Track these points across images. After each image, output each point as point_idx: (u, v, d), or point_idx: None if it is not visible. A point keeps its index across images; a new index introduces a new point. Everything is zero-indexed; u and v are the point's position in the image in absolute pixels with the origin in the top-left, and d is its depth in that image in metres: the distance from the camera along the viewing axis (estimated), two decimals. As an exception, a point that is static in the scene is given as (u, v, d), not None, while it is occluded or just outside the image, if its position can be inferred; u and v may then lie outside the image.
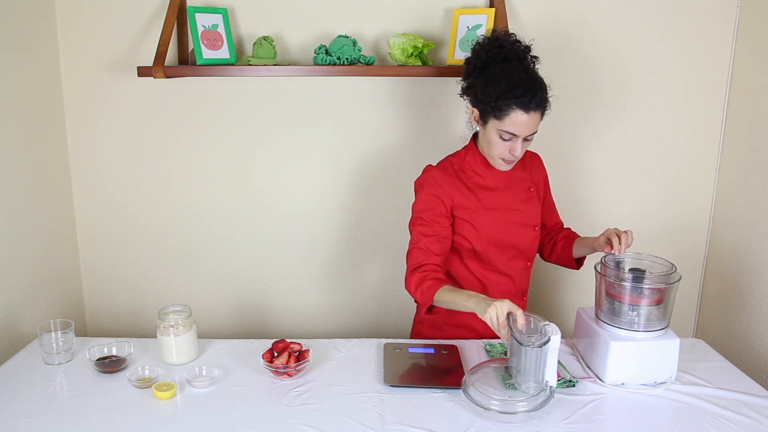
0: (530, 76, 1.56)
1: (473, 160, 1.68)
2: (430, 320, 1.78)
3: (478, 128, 1.65)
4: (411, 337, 1.88)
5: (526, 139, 1.57)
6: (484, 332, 1.75)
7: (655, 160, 2.21)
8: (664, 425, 1.37)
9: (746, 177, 2.06)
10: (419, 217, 1.65)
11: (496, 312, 1.38)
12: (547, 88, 1.56)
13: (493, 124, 1.56)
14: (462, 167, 1.69)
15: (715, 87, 2.15)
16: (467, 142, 1.73)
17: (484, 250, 1.68)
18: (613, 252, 1.56)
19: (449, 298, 1.53)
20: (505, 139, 1.56)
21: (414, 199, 1.71)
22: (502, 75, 1.55)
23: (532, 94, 1.51)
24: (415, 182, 1.72)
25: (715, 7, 2.08)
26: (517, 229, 1.70)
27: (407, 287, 1.63)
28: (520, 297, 1.78)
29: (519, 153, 1.57)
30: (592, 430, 1.35)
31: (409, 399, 1.45)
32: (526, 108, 1.51)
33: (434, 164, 1.72)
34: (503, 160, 1.61)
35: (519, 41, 1.63)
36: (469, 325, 1.75)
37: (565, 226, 1.90)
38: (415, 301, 1.70)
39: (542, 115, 1.56)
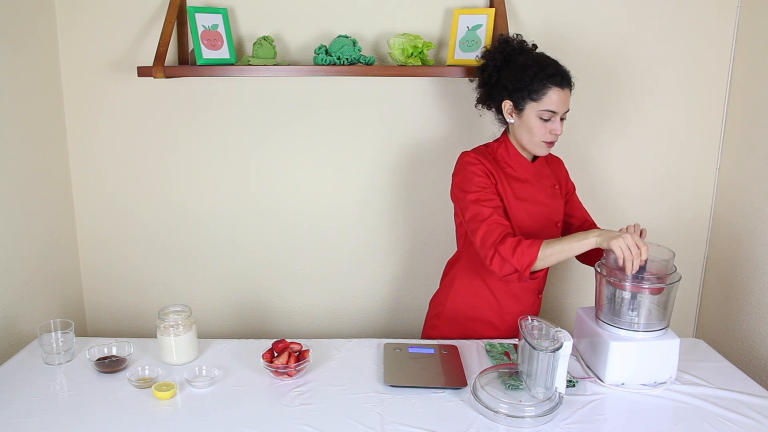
0: (552, 59, 1.65)
1: (505, 152, 1.71)
2: (448, 314, 1.79)
3: (512, 121, 1.67)
4: (423, 334, 1.89)
5: (562, 118, 1.63)
6: (502, 327, 1.76)
7: (655, 160, 2.21)
8: (664, 425, 1.37)
9: (746, 177, 2.06)
10: (479, 195, 1.62)
11: (626, 242, 1.42)
12: None
13: (531, 107, 1.61)
14: (495, 157, 1.71)
15: (715, 87, 2.15)
16: (498, 136, 1.76)
17: None
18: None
19: (559, 246, 1.50)
20: (545, 119, 1.61)
21: (457, 184, 1.68)
22: (529, 61, 1.64)
23: (562, 72, 1.61)
24: (456, 168, 1.70)
25: (715, 7, 2.08)
26: (545, 223, 1.72)
27: (497, 259, 1.53)
28: (536, 294, 1.79)
29: (560, 131, 1.63)
30: (592, 430, 1.35)
31: (409, 399, 1.45)
32: (560, 84, 1.60)
33: (467, 150, 1.72)
34: (545, 142, 1.64)
35: (524, 41, 1.74)
36: (490, 320, 1.76)
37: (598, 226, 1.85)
38: (505, 277, 1.57)
39: (571, 92, 1.64)
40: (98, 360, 1.56)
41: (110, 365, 1.56)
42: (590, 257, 1.73)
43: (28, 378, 1.53)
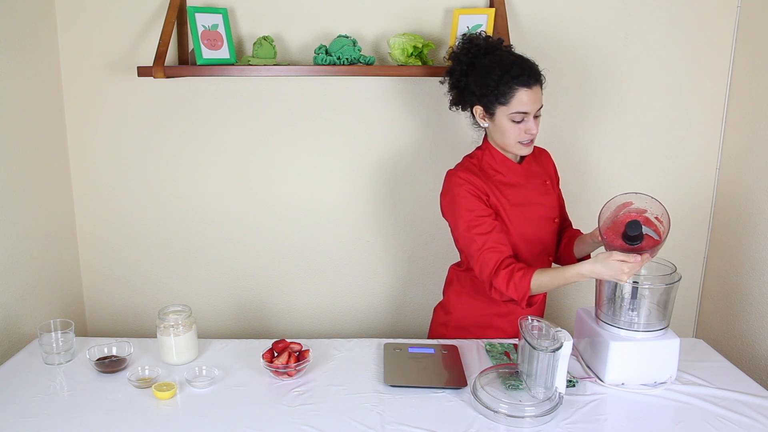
0: (517, 56, 1.62)
1: (491, 159, 1.68)
2: (456, 323, 1.78)
3: (486, 125, 1.66)
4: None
5: (536, 116, 1.60)
6: (511, 332, 1.75)
7: (656, 160, 2.21)
8: (664, 425, 1.37)
9: (746, 177, 2.06)
10: (469, 222, 1.60)
11: (630, 270, 1.40)
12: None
13: (501, 111, 1.58)
14: (482, 167, 1.68)
15: (715, 87, 2.15)
16: (480, 143, 1.73)
17: (514, 247, 1.66)
18: None
19: (549, 278, 1.51)
20: (517, 121, 1.58)
21: (446, 208, 1.67)
22: (493, 63, 1.59)
23: (528, 70, 1.56)
24: (443, 190, 1.68)
25: (715, 7, 2.08)
26: (542, 223, 1.71)
27: (495, 291, 1.58)
28: (543, 294, 1.77)
29: (535, 131, 1.59)
30: (592, 430, 1.35)
31: (409, 399, 1.45)
32: (527, 84, 1.55)
33: (452, 168, 1.69)
34: (521, 143, 1.61)
35: (490, 36, 1.71)
36: (499, 326, 1.75)
37: (573, 226, 1.88)
38: (507, 301, 1.61)
39: (542, 88, 1.60)
40: (98, 360, 1.56)
41: (110, 365, 1.56)
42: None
43: (28, 378, 1.53)
